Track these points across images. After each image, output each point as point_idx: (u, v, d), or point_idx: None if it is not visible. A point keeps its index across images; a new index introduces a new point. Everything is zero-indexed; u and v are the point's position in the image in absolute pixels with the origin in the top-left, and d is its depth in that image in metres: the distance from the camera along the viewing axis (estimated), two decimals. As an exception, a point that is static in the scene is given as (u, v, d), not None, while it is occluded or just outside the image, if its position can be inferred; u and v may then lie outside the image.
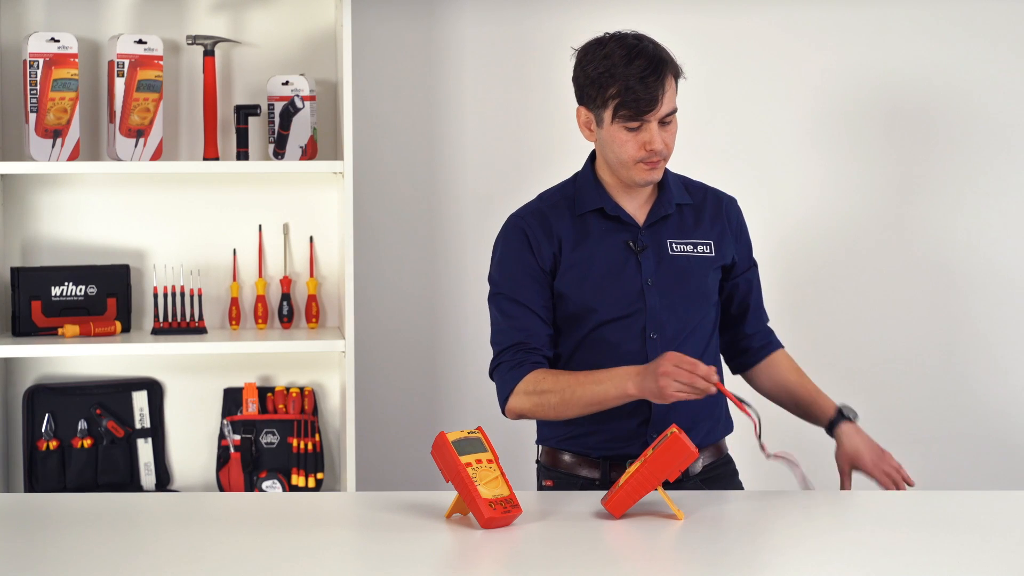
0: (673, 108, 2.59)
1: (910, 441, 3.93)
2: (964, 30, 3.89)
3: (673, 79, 2.59)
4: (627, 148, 2.60)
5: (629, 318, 2.64)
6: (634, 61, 2.55)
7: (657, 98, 2.55)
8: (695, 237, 2.71)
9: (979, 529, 2.29)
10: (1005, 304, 3.93)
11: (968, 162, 3.91)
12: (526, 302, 2.67)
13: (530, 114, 3.84)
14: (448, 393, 3.87)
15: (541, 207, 2.73)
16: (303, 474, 3.67)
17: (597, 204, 2.68)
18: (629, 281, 2.65)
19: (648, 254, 2.67)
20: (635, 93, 2.54)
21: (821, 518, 2.44)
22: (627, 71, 2.55)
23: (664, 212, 2.69)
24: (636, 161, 2.60)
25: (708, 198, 2.76)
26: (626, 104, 2.55)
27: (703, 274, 2.69)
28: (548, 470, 2.74)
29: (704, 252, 2.70)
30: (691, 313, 2.68)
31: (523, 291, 2.67)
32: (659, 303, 2.65)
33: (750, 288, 2.80)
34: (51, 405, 3.65)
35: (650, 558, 2.17)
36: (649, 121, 2.57)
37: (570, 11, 3.81)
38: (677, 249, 2.68)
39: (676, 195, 2.71)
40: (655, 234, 2.69)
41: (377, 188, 3.80)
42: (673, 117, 2.60)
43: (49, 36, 3.46)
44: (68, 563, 2.09)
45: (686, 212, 2.72)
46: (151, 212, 3.71)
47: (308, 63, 3.71)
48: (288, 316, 3.72)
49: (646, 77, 2.54)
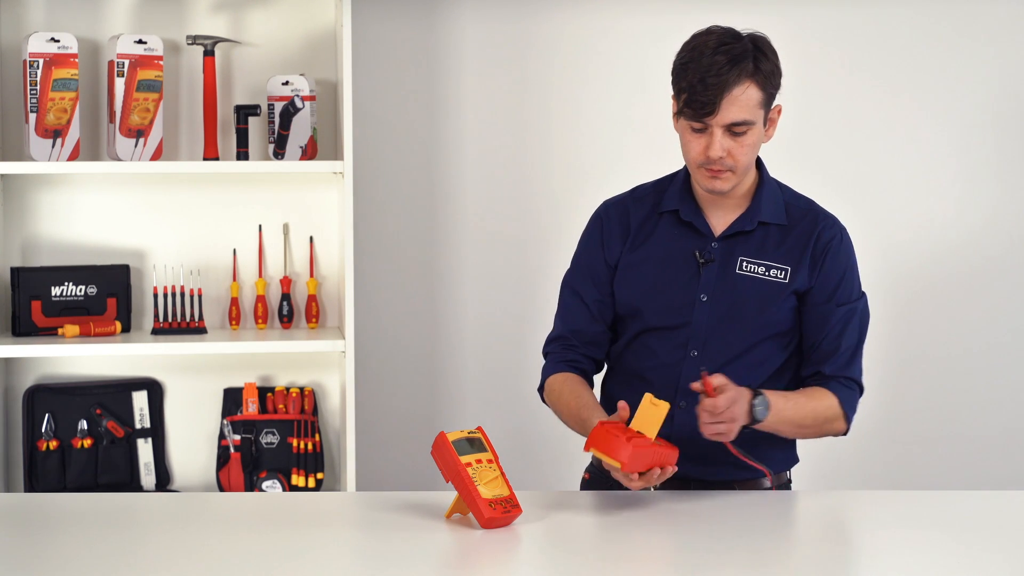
0: (744, 119, 2.40)
1: (911, 441, 3.95)
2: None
3: (756, 88, 2.41)
4: (691, 149, 2.46)
5: (673, 330, 2.52)
6: (710, 58, 2.39)
7: (715, 103, 2.38)
8: (772, 259, 2.52)
9: (979, 529, 2.29)
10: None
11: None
12: (582, 295, 2.61)
13: (530, 114, 3.84)
14: (448, 393, 3.87)
15: (627, 199, 2.63)
16: (303, 474, 3.67)
17: (675, 206, 2.56)
18: (681, 292, 2.52)
19: (712, 268, 2.51)
20: (696, 93, 2.39)
21: (821, 518, 2.44)
22: (698, 67, 2.39)
23: (743, 227, 2.52)
24: (698, 165, 2.46)
25: (805, 220, 2.55)
26: (688, 103, 2.41)
27: (770, 300, 2.50)
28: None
29: (776, 276, 2.51)
30: (743, 338, 2.51)
31: (582, 283, 2.62)
32: (708, 321, 2.51)
33: (824, 323, 2.52)
34: (51, 405, 3.65)
35: (650, 558, 2.17)
36: (711, 125, 2.42)
37: (570, 11, 3.81)
38: (747, 269, 2.51)
39: (766, 212, 2.53)
40: (728, 249, 2.53)
41: (377, 188, 3.80)
42: (748, 128, 2.42)
43: (49, 36, 3.46)
44: (68, 563, 2.09)
45: (772, 231, 2.53)
46: (151, 212, 3.71)
47: (308, 63, 3.71)
48: (288, 316, 3.72)
49: (709, 78, 2.38)
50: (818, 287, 2.52)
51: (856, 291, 2.57)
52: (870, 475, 3.90)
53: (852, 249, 2.58)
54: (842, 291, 2.53)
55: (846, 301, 2.54)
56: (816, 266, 2.52)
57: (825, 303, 2.52)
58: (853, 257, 2.58)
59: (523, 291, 3.84)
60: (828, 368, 2.53)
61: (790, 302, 2.52)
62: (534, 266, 3.82)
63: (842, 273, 2.54)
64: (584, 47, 3.84)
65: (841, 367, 2.53)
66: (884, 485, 3.84)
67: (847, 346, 2.53)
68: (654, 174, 2.70)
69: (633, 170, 3.15)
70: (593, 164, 3.84)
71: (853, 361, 2.55)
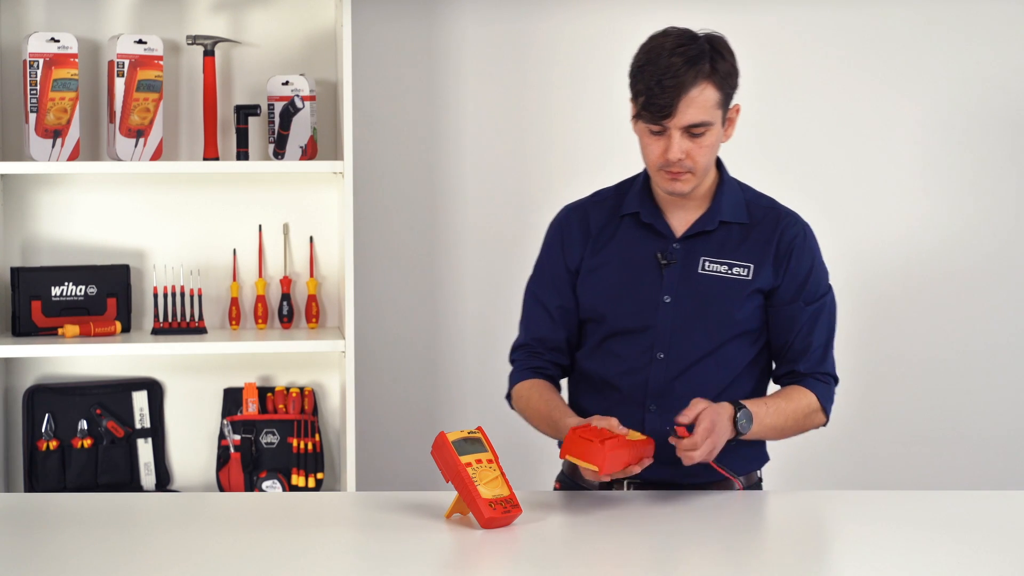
0: (702, 120, 2.40)
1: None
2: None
3: (714, 89, 2.40)
4: (650, 152, 2.46)
5: (638, 333, 2.51)
6: (666, 60, 2.38)
7: (672, 105, 2.37)
8: (734, 258, 2.51)
9: (979, 529, 2.29)
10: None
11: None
12: (545, 302, 2.61)
13: (530, 114, 3.84)
14: (448, 393, 3.87)
15: (587, 203, 2.63)
16: (303, 474, 3.67)
17: (635, 208, 2.55)
18: (645, 294, 2.51)
19: (674, 269, 2.51)
20: (654, 95, 2.38)
21: (821, 518, 2.44)
22: (655, 69, 2.38)
23: (704, 227, 2.52)
24: (658, 167, 2.46)
25: (767, 218, 2.54)
26: (646, 105, 2.40)
27: (733, 299, 2.49)
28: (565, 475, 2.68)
29: (740, 275, 2.50)
30: (709, 338, 2.50)
31: (544, 290, 2.62)
32: (672, 323, 2.49)
33: (793, 322, 2.52)
34: (51, 405, 3.65)
35: (650, 558, 2.17)
36: (669, 128, 2.41)
37: (570, 11, 3.81)
38: (709, 268, 2.50)
39: (726, 211, 2.52)
40: (689, 249, 2.52)
41: (377, 188, 3.80)
42: (706, 129, 2.41)
43: (49, 36, 3.46)
44: (68, 563, 2.09)
45: (733, 230, 2.52)
46: (151, 212, 3.71)
47: (308, 63, 3.71)
48: (288, 316, 3.72)
49: (666, 80, 2.37)
50: (785, 286, 2.52)
51: (823, 286, 2.57)
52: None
53: (816, 245, 2.57)
54: (809, 288, 2.53)
55: (814, 299, 2.53)
56: (781, 265, 2.52)
57: (793, 302, 2.52)
58: (818, 253, 2.57)
59: (522, 291, 3.83)
60: (803, 366, 2.54)
61: (755, 300, 2.51)
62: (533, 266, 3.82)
63: (808, 270, 2.53)
64: (584, 47, 3.83)
65: (815, 364, 2.54)
66: (883, 485, 3.84)
67: (819, 343, 2.54)
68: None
69: (632, 170, 3.14)
70: (593, 164, 3.84)
71: (826, 356, 2.56)
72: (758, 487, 2.62)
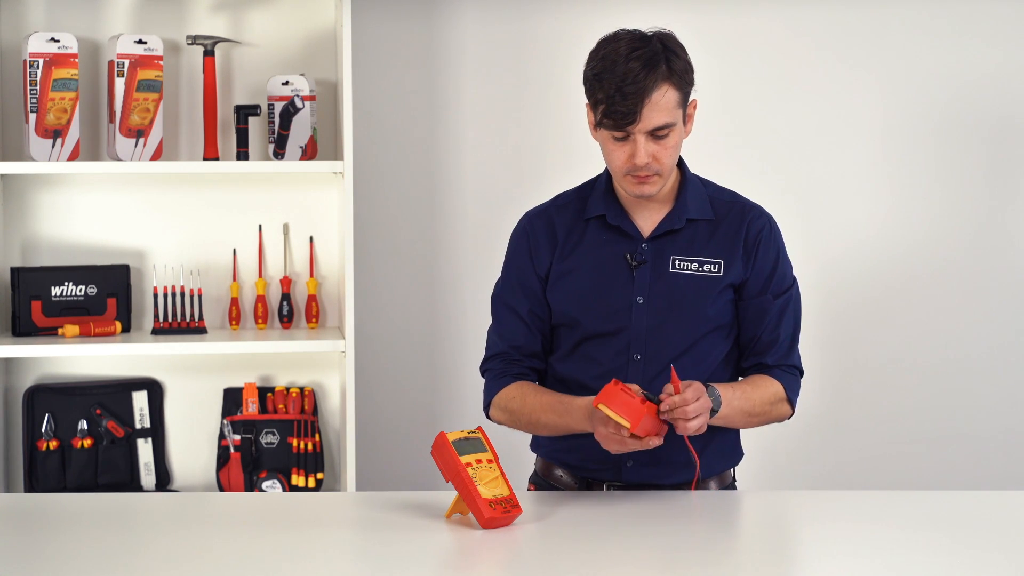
0: (665, 122, 2.39)
1: (909, 441, 3.94)
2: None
3: (673, 90, 2.40)
4: (615, 158, 2.45)
5: (613, 336, 2.50)
6: (623, 66, 2.38)
7: (635, 111, 2.37)
8: (704, 254, 2.51)
9: (979, 529, 2.29)
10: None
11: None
12: (517, 309, 2.59)
13: (530, 114, 3.84)
14: (448, 393, 3.87)
15: (550, 208, 2.62)
16: (303, 474, 3.67)
17: (600, 211, 2.55)
18: (617, 297, 2.50)
19: (644, 270, 2.51)
20: (615, 103, 2.37)
21: (821, 518, 2.44)
22: (613, 77, 2.38)
23: (672, 226, 2.52)
24: (624, 173, 2.45)
25: (732, 212, 2.54)
26: (607, 113, 2.39)
27: (706, 295, 2.50)
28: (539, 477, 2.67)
29: (711, 271, 2.51)
30: (684, 335, 2.50)
31: (515, 298, 2.60)
32: (647, 323, 2.49)
33: (762, 316, 2.53)
34: (51, 405, 3.65)
35: (651, 558, 2.17)
36: (633, 133, 2.40)
37: (570, 11, 3.81)
38: (679, 266, 2.50)
39: (692, 209, 2.53)
40: (658, 249, 2.52)
41: (377, 188, 3.80)
42: (670, 130, 2.41)
43: (49, 36, 3.46)
44: (68, 563, 2.09)
45: (700, 227, 2.53)
46: (151, 212, 3.71)
47: (308, 63, 3.71)
48: (288, 316, 3.72)
49: (626, 87, 2.36)
50: (753, 278, 2.53)
51: (789, 278, 2.58)
52: (869, 475, 3.90)
53: (780, 236, 2.58)
54: (776, 281, 2.54)
55: (780, 291, 2.55)
56: (749, 258, 2.53)
57: (761, 294, 2.53)
58: (782, 244, 2.58)
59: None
60: (770, 359, 2.55)
61: (727, 295, 2.52)
62: (534, 266, 3.82)
63: (774, 262, 2.55)
64: (584, 47, 3.81)
65: (782, 356, 2.55)
66: (883, 485, 3.84)
67: (785, 336, 2.55)
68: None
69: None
70: (592, 164, 3.83)
71: (792, 349, 2.58)
72: (732, 487, 2.62)
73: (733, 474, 2.63)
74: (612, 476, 2.53)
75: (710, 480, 2.56)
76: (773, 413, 2.54)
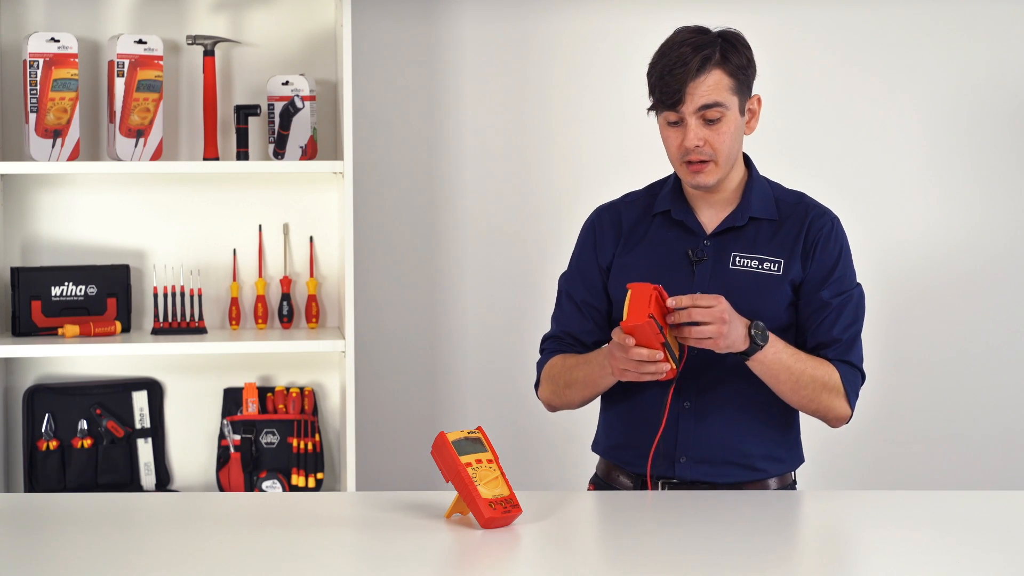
0: (714, 100, 2.42)
1: (910, 441, 3.94)
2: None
3: (723, 73, 2.43)
4: (670, 144, 2.49)
5: None
6: (676, 51, 2.43)
7: (681, 90, 2.41)
8: (765, 253, 2.52)
9: (979, 529, 2.29)
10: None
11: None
12: (577, 299, 2.63)
13: (530, 114, 3.84)
14: (448, 393, 3.87)
15: (619, 203, 2.65)
16: (303, 474, 3.67)
17: (666, 206, 2.57)
18: (676, 291, 2.44)
19: (705, 266, 2.51)
20: (663, 82, 2.43)
21: (821, 518, 2.44)
22: (666, 62, 2.44)
23: (734, 223, 2.53)
24: (680, 160, 2.48)
25: (795, 212, 2.55)
26: (655, 91, 2.46)
27: (765, 293, 2.49)
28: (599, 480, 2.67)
29: (770, 269, 2.50)
30: None
31: (577, 288, 2.63)
32: None
33: (821, 313, 2.51)
34: (51, 405, 3.65)
35: (650, 558, 2.17)
36: (683, 115, 2.44)
37: (570, 11, 3.81)
38: (739, 263, 2.51)
39: (756, 208, 2.54)
40: (720, 246, 2.53)
41: (377, 188, 3.81)
42: (722, 114, 2.43)
43: (49, 36, 3.46)
44: (68, 563, 2.09)
45: (764, 226, 2.53)
46: (151, 212, 3.71)
47: (308, 63, 3.71)
48: (288, 316, 3.72)
49: (674, 67, 2.42)
50: (811, 276, 2.51)
51: (851, 279, 2.56)
52: (870, 475, 3.90)
53: (845, 237, 2.57)
54: (836, 279, 2.52)
55: (841, 290, 2.52)
56: (808, 256, 2.52)
57: (820, 291, 2.51)
58: (846, 246, 2.57)
59: (523, 291, 3.84)
60: (829, 354, 2.52)
61: (785, 294, 2.51)
62: (534, 266, 3.82)
63: (835, 261, 2.53)
64: (584, 47, 3.84)
65: (841, 353, 2.52)
66: (884, 485, 3.84)
67: (845, 334, 2.52)
68: (653, 173, 2.72)
69: (632, 170, 3.16)
70: (592, 164, 3.84)
71: (853, 347, 2.54)
72: (791, 488, 2.62)
73: (794, 476, 2.63)
74: (666, 470, 2.52)
75: (770, 480, 2.57)
76: (825, 398, 2.49)
